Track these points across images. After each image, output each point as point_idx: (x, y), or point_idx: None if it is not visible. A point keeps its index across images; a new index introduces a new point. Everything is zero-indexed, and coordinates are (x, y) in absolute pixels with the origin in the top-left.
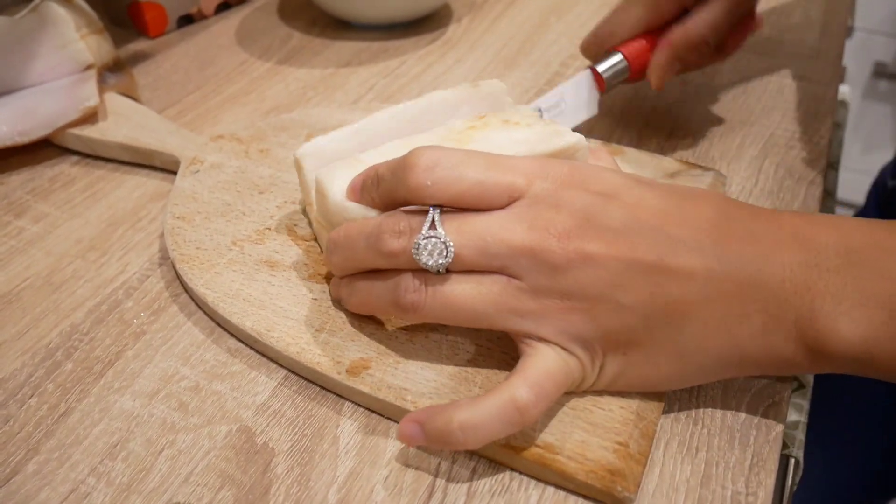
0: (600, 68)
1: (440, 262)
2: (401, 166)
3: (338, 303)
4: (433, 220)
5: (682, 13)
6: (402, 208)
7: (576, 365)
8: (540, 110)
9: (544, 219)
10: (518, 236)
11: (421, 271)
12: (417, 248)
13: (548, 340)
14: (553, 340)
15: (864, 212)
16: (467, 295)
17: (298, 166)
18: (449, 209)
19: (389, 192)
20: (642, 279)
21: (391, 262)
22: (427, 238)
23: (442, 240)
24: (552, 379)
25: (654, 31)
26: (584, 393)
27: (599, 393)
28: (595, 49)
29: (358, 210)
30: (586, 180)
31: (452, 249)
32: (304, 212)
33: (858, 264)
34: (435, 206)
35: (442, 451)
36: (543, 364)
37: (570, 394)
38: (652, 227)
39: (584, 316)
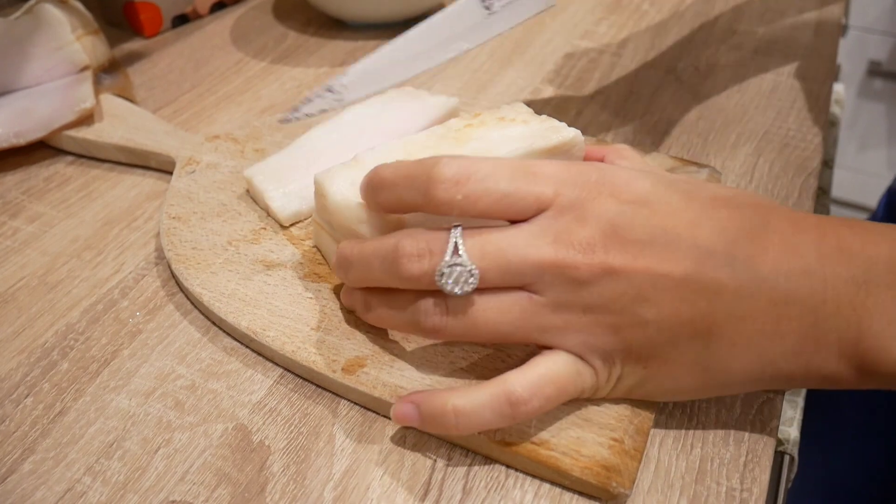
0: None
1: (466, 289)
2: (423, 178)
3: (335, 302)
4: (456, 245)
5: None
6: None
7: (589, 374)
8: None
9: (569, 232)
10: (542, 252)
11: (441, 293)
12: (441, 277)
13: (569, 351)
14: (573, 351)
15: (874, 218)
16: (490, 316)
17: (253, 186)
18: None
19: (401, 201)
20: (668, 294)
21: (411, 286)
22: (452, 266)
23: (468, 268)
24: (555, 382)
25: None
26: (601, 400)
27: None
28: None
29: (357, 209)
30: (616, 188)
31: (478, 275)
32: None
33: None
34: (456, 226)
35: (438, 448)
36: (551, 366)
37: (584, 399)
38: (682, 238)
39: (607, 330)
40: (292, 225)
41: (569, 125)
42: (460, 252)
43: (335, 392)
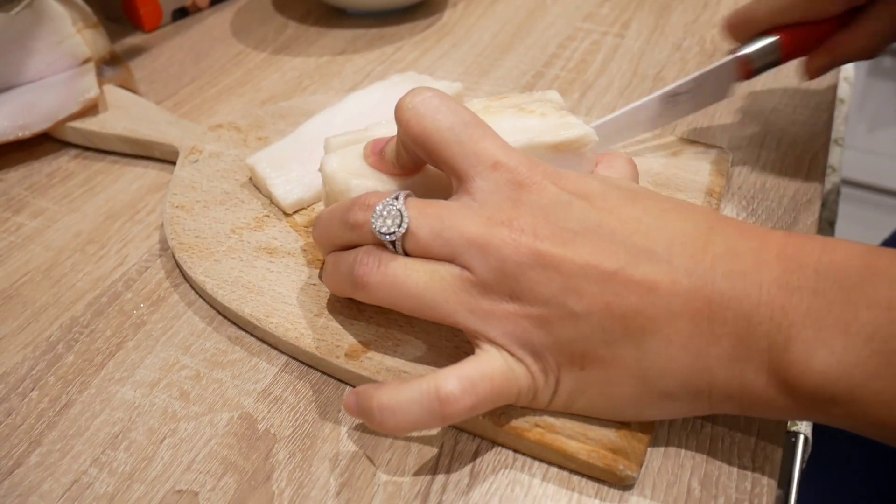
0: (750, 52)
1: (393, 229)
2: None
3: None
4: (398, 195)
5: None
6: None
7: (523, 373)
8: (673, 95)
9: (503, 212)
10: (473, 227)
11: (380, 248)
12: (374, 215)
13: (496, 343)
14: (501, 344)
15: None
16: (417, 278)
17: (255, 174)
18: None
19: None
20: (597, 287)
21: (356, 235)
22: (385, 205)
23: (398, 207)
24: (489, 380)
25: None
26: (549, 412)
27: None
28: (743, 30)
29: (344, 180)
30: (559, 178)
31: (407, 220)
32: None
33: (846, 289)
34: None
35: (444, 433)
36: (484, 364)
37: (530, 409)
38: (618, 233)
39: (535, 322)
40: (296, 212)
41: (572, 108)
42: (399, 199)
43: (340, 378)
